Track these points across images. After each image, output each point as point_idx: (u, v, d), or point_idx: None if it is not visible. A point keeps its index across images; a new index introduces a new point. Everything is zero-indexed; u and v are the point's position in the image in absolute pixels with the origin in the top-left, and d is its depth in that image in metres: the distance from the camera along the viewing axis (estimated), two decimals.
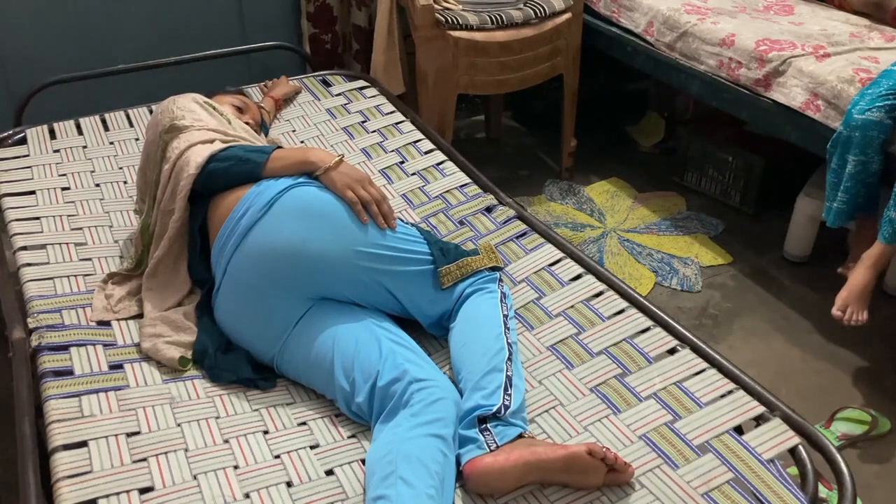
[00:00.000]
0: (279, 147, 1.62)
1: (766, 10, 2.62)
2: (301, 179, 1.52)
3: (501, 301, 1.50)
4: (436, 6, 2.53)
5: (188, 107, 1.69)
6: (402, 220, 1.59)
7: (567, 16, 2.72)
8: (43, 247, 1.70)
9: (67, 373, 1.38)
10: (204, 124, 1.65)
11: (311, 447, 1.32)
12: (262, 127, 2.05)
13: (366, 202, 1.49)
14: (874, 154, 1.97)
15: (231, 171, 1.53)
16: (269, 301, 1.44)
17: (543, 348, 1.50)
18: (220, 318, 1.51)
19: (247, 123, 1.85)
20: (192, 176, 1.53)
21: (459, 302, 1.50)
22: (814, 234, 2.52)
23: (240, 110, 1.91)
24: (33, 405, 1.30)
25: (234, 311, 1.48)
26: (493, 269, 1.57)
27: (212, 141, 1.60)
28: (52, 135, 2.13)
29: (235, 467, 1.26)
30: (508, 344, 1.40)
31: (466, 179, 1.98)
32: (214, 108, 1.76)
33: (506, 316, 1.47)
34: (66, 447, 1.23)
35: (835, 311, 1.98)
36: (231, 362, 1.45)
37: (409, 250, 1.50)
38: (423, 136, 2.17)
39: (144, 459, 1.24)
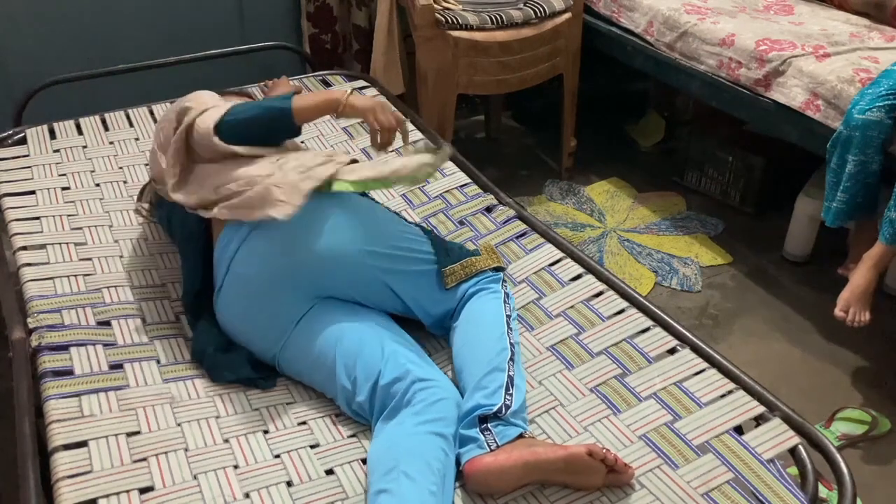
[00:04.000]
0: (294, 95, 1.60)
1: (766, 10, 2.62)
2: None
3: (504, 301, 1.50)
4: (436, 6, 2.53)
5: (201, 98, 1.68)
6: (406, 220, 1.59)
7: (567, 16, 2.72)
8: (43, 247, 1.70)
9: (67, 373, 1.38)
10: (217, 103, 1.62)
11: (312, 447, 1.32)
12: None
13: (386, 129, 1.53)
14: (874, 154, 1.97)
15: (258, 120, 1.52)
16: (273, 298, 1.44)
17: (543, 349, 1.50)
18: (222, 316, 1.50)
19: None
20: (209, 129, 1.50)
21: (462, 301, 1.50)
22: (814, 234, 2.52)
23: None
24: (33, 405, 1.30)
25: (238, 308, 1.48)
26: (497, 269, 1.57)
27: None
28: (52, 135, 2.13)
29: (235, 467, 1.26)
30: (511, 344, 1.40)
31: (466, 179, 1.98)
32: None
33: (508, 316, 1.47)
34: (66, 447, 1.23)
35: (837, 312, 1.98)
36: (231, 362, 1.45)
37: (413, 249, 1.50)
38: (422, 136, 2.17)
39: (144, 459, 1.24)
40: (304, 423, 1.37)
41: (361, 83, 2.47)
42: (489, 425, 1.26)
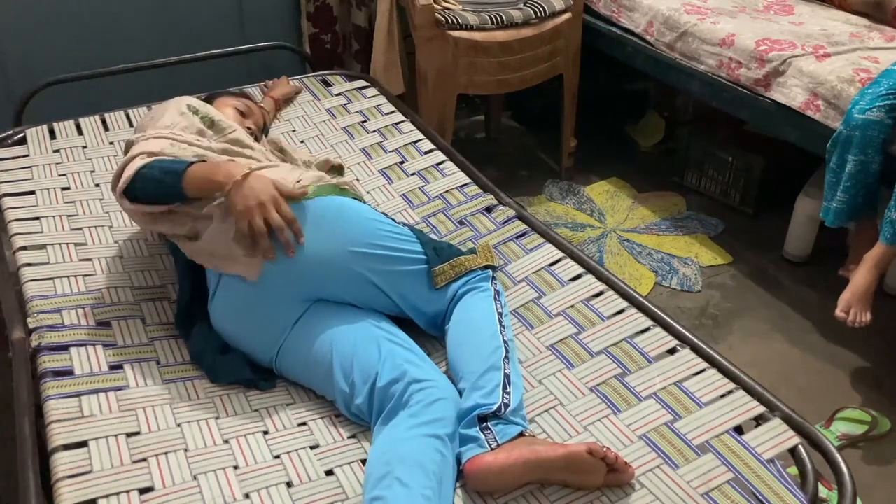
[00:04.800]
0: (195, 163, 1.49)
1: (766, 10, 2.62)
2: None
3: (495, 299, 1.49)
4: (436, 6, 2.53)
5: (147, 138, 1.60)
6: (394, 220, 1.58)
7: (567, 16, 2.72)
8: (43, 247, 1.70)
9: (67, 373, 1.38)
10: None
11: (311, 447, 1.32)
12: (263, 130, 2.04)
13: (259, 235, 1.39)
14: (874, 154, 1.97)
15: (158, 192, 1.47)
16: (264, 304, 1.44)
17: (543, 348, 1.50)
18: (217, 323, 1.50)
19: (248, 128, 1.82)
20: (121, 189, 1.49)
21: (453, 302, 1.50)
22: (814, 234, 2.52)
23: (242, 114, 1.89)
24: (33, 405, 1.30)
25: (231, 315, 1.48)
26: (487, 267, 1.57)
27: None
28: (52, 135, 2.13)
29: (235, 467, 1.26)
30: (504, 342, 1.40)
31: (466, 179, 1.98)
32: (196, 112, 1.69)
33: (500, 314, 1.46)
34: (66, 447, 1.23)
35: (838, 313, 1.98)
36: (230, 364, 1.45)
37: (402, 249, 1.50)
38: (423, 136, 2.17)
39: (144, 459, 1.24)
40: (303, 423, 1.37)
41: (361, 83, 2.47)
42: (489, 424, 1.26)
